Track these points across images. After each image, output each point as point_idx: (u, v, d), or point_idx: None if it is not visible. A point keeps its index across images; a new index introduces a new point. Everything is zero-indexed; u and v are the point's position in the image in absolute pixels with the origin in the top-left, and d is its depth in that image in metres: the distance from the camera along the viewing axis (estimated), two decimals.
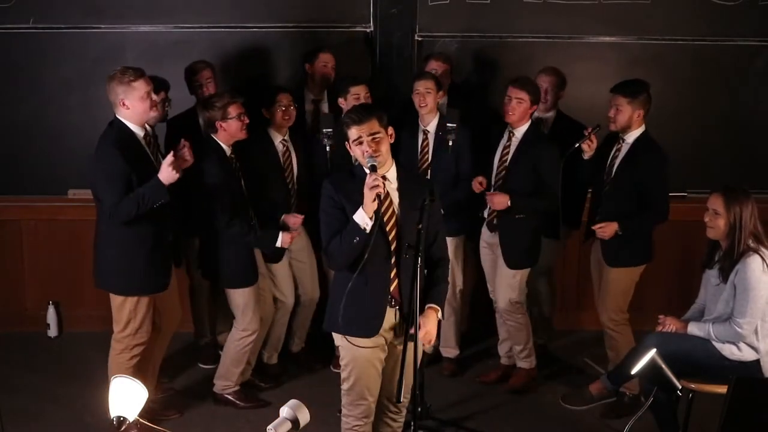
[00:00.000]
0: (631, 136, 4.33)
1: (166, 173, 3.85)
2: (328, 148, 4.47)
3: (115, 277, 4.05)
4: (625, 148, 4.35)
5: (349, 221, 3.25)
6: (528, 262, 4.58)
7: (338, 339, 3.44)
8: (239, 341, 4.42)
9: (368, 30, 5.30)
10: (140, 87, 3.89)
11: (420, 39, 5.31)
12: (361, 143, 3.27)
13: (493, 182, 4.54)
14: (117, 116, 3.96)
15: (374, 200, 3.18)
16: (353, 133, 3.29)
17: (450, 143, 4.46)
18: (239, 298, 4.36)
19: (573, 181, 4.48)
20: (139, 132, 3.99)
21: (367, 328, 3.35)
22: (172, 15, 5.24)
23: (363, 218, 3.21)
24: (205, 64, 4.87)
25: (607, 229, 4.29)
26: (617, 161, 4.36)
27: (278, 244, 4.36)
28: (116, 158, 3.85)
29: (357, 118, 3.30)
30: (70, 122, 5.26)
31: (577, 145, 4.31)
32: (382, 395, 3.49)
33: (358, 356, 3.37)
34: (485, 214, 4.61)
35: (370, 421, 3.49)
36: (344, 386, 3.45)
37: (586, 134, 4.32)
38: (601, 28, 5.31)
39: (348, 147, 3.35)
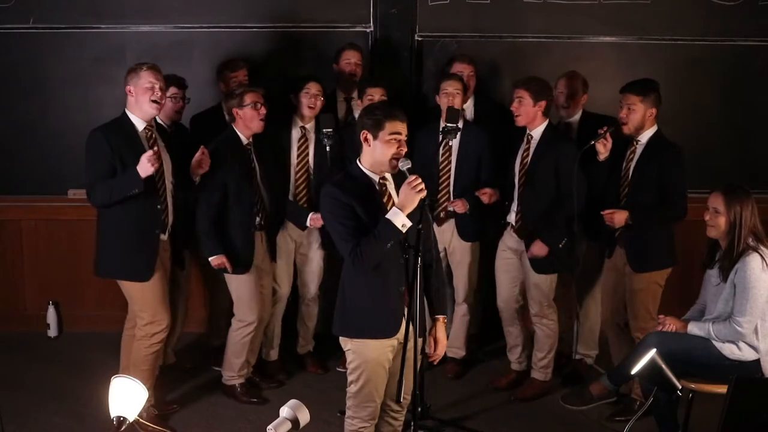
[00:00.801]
0: (645, 136, 4.29)
1: (143, 166, 3.90)
2: (328, 148, 4.49)
3: (100, 260, 4.14)
4: (639, 149, 4.31)
5: (368, 222, 3.23)
6: (555, 266, 4.54)
7: (348, 342, 3.41)
8: (236, 332, 4.45)
9: (368, 30, 5.30)
10: (146, 76, 3.99)
11: (420, 39, 5.31)
12: (398, 141, 3.25)
13: (516, 187, 4.50)
14: (124, 109, 4.06)
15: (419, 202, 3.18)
16: (394, 126, 3.25)
17: (450, 143, 4.46)
18: (234, 286, 4.40)
19: (589, 188, 4.42)
20: (140, 125, 4.05)
21: (387, 329, 3.34)
22: (172, 15, 5.25)
23: (402, 219, 3.18)
24: (244, 62, 4.93)
25: (615, 216, 4.24)
26: (632, 163, 4.32)
27: (308, 223, 4.56)
28: (99, 141, 3.95)
29: (402, 114, 3.30)
30: (70, 122, 5.27)
31: (592, 142, 4.24)
32: (386, 394, 3.49)
33: (370, 359, 3.35)
34: (512, 220, 4.55)
35: (375, 423, 3.49)
36: (352, 388, 3.43)
37: (601, 133, 4.25)
38: (601, 28, 5.31)
39: (364, 137, 3.28)
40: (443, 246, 4.73)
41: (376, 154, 3.28)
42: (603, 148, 4.27)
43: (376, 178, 3.35)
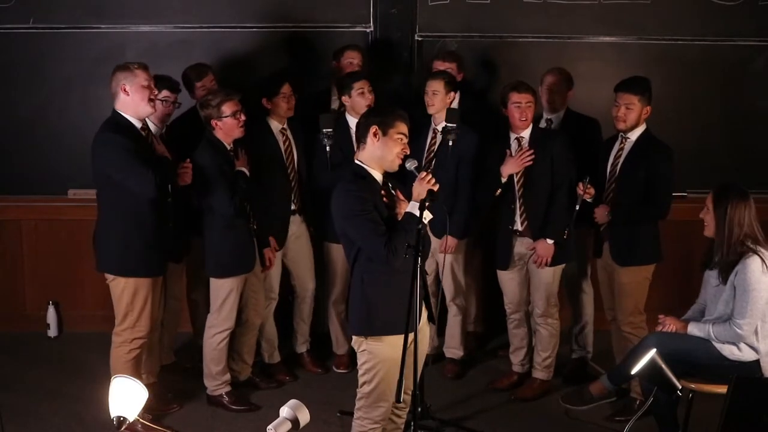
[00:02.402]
0: (635, 134, 4.32)
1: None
2: (328, 148, 4.49)
3: (114, 258, 4.08)
4: (628, 146, 4.34)
5: (385, 220, 3.29)
6: (563, 257, 4.52)
7: (363, 343, 3.40)
8: (212, 338, 4.42)
9: (368, 30, 5.30)
10: (142, 75, 3.97)
11: (420, 39, 5.31)
12: (403, 141, 3.35)
13: (516, 190, 4.50)
14: (115, 109, 4.02)
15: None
16: (403, 127, 3.37)
17: (450, 143, 4.46)
18: (221, 289, 4.35)
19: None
20: (136, 123, 4.04)
21: (412, 323, 3.34)
22: (172, 15, 5.25)
23: (426, 212, 3.24)
24: (207, 67, 4.85)
25: (598, 211, 4.33)
26: (621, 160, 4.35)
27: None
28: (118, 138, 3.92)
29: (408, 118, 3.42)
30: (70, 122, 5.27)
31: (578, 207, 4.29)
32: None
33: (387, 357, 3.35)
34: (518, 227, 4.53)
35: (384, 424, 3.49)
36: (365, 389, 3.42)
37: (581, 194, 4.28)
38: (601, 28, 5.31)
39: (374, 131, 3.32)
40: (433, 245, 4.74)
41: (383, 150, 3.34)
42: (589, 196, 4.31)
43: (379, 176, 3.38)
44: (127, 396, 2.66)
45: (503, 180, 4.44)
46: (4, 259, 5.46)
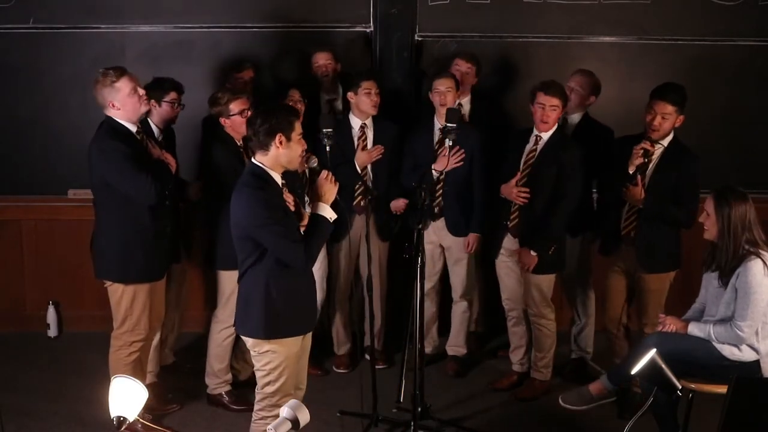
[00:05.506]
0: (666, 140, 4.31)
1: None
2: (328, 148, 4.49)
3: (114, 265, 4.07)
4: (658, 153, 4.30)
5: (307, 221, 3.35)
6: (554, 266, 4.54)
7: (266, 344, 3.42)
8: (218, 334, 4.42)
9: (368, 30, 5.30)
10: (124, 85, 3.95)
11: (420, 39, 5.31)
12: (302, 139, 3.37)
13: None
14: (108, 115, 4.01)
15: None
16: (299, 126, 3.37)
17: (450, 143, 4.46)
18: (228, 283, 4.30)
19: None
20: (132, 128, 4.03)
21: (310, 322, 3.48)
22: (172, 15, 5.24)
23: (329, 212, 3.32)
24: (251, 64, 4.94)
25: (632, 190, 4.23)
26: (650, 165, 4.31)
27: None
28: (117, 146, 3.90)
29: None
30: (70, 122, 5.26)
31: (644, 159, 4.22)
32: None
33: (291, 355, 3.43)
34: (508, 221, 4.54)
35: None
36: (269, 389, 3.46)
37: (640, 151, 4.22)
38: (601, 28, 5.31)
39: (279, 140, 3.31)
40: (439, 242, 4.75)
41: (288, 155, 3.34)
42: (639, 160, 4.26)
43: (279, 178, 3.39)
44: (127, 396, 2.66)
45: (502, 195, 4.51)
46: (4, 259, 5.46)
